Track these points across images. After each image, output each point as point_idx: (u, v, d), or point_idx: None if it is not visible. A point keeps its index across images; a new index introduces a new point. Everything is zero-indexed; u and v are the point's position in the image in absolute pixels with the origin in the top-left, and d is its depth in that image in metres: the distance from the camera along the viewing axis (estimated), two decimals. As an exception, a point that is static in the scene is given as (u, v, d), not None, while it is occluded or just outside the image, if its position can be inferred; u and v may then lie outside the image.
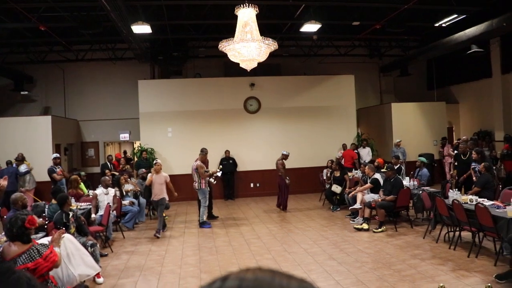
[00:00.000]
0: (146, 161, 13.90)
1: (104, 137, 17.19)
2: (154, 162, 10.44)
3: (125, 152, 18.99)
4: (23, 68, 16.23)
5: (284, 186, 11.93)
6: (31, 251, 3.81)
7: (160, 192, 9.81)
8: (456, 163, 11.13)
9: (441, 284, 2.08)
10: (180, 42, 15.78)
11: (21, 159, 12.61)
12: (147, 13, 12.04)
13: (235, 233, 9.64)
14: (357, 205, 10.03)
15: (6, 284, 1.91)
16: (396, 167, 11.46)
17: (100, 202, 9.07)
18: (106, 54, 16.55)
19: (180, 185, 14.59)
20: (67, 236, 5.18)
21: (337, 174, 11.88)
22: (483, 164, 9.19)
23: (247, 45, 7.94)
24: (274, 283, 0.57)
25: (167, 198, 9.97)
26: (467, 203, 7.36)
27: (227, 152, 14.36)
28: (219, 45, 8.14)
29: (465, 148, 10.83)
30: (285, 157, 12.03)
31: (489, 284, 2.64)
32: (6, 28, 13.13)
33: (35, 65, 16.47)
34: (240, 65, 8.69)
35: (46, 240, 4.52)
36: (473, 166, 10.17)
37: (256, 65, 8.66)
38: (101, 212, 8.82)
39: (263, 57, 8.30)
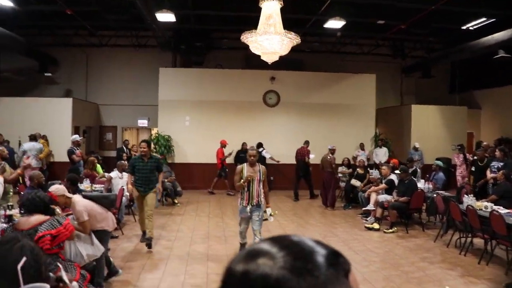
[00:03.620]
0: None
1: (122, 122, 17.38)
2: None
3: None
4: (48, 50, 16.47)
5: (333, 182, 11.76)
6: (52, 221, 4.00)
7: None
8: (473, 169, 11.02)
9: (447, 287, 2.07)
10: (203, 32, 15.83)
11: (33, 138, 12.80)
12: (172, 2, 12.08)
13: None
14: (371, 206, 9.96)
15: (10, 251, 1.97)
16: (411, 170, 11.39)
17: (114, 186, 9.20)
18: (129, 40, 16.69)
19: (194, 174, 14.74)
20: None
21: (361, 171, 11.86)
22: (502, 172, 9.05)
23: (270, 38, 7.91)
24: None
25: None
26: (481, 209, 7.26)
27: (244, 144, 14.35)
28: (242, 37, 8.14)
29: (482, 155, 10.71)
30: (332, 151, 11.98)
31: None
32: (34, 10, 13.33)
33: (60, 48, 16.69)
34: (262, 58, 8.68)
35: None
36: (492, 164, 10.05)
37: (277, 59, 8.64)
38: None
39: (285, 50, 8.27)
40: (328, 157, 11.84)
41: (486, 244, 7.01)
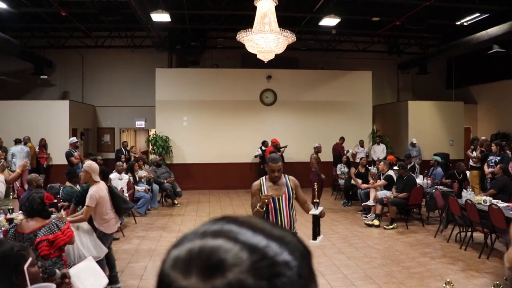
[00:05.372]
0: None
1: (120, 123, 17.35)
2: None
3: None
4: (44, 52, 16.42)
5: (319, 182, 11.18)
6: (51, 225, 3.98)
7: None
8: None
9: (448, 280, 2.08)
10: (199, 32, 15.83)
11: (19, 141, 12.88)
12: (167, 2, 12.08)
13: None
14: (370, 202, 10.00)
15: None
16: (409, 166, 11.42)
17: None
18: (125, 41, 16.66)
19: (193, 174, 14.74)
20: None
21: (362, 170, 11.83)
22: (499, 166, 9.11)
23: (265, 37, 7.92)
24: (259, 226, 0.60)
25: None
26: (480, 203, 7.30)
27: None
28: (237, 36, 8.14)
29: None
30: (317, 150, 11.51)
31: (497, 282, 2.63)
32: (28, 12, 13.29)
33: (55, 50, 16.65)
34: (258, 56, 8.69)
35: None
36: (489, 159, 10.13)
37: (273, 57, 8.66)
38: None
39: (280, 49, 8.28)
40: (313, 156, 11.31)
41: (486, 238, 7.04)
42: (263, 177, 4.42)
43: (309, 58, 17.36)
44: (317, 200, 4.31)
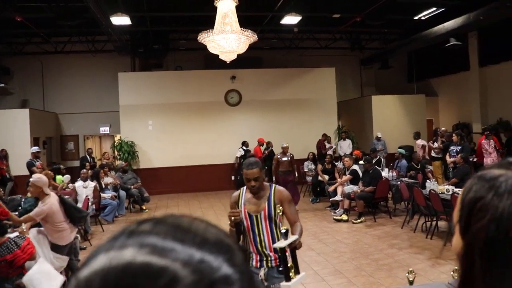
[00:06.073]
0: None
1: (84, 130, 16.98)
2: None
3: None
4: (0, 60, 15.91)
5: (291, 183, 10.28)
6: (8, 243, 3.79)
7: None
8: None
9: (410, 269, 2.11)
10: (161, 34, 15.64)
11: None
12: (126, 4, 11.89)
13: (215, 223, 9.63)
14: (338, 197, 10.11)
15: None
16: (375, 160, 11.62)
17: (78, 196, 9.01)
18: (86, 46, 16.29)
19: (161, 178, 14.57)
20: (38, 229, 5.11)
21: (329, 166, 11.95)
22: (460, 155, 9.38)
23: (227, 37, 7.90)
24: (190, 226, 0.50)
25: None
26: (443, 193, 7.49)
27: (268, 144, 14.21)
28: (199, 37, 8.10)
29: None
30: (284, 149, 10.61)
31: (456, 267, 2.67)
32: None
33: (12, 57, 16.09)
34: (220, 57, 8.67)
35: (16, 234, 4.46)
36: (451, 149, 10.40)
37: (235, 57, 8.65)
38: (79, 205, 8.75)
39: (242, 48, 8.27)
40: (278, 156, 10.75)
41: (450, 226, 7.23)
42: (245, 187, 3.52)
43: (273, 57, 17.42)
44: (284, 229, 3.25)
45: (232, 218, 3.28)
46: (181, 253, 0.45)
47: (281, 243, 3.11)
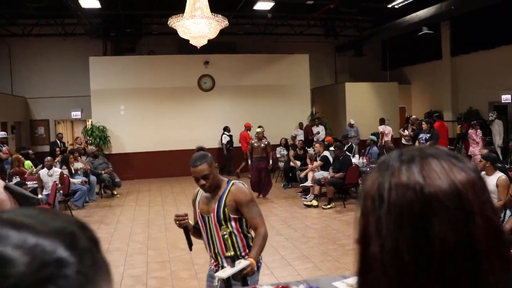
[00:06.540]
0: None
1: (54, 115, 16.63)
2: None
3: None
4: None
5: (265, 170, 10.35)
6: None
7: None
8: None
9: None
10: (133, 18, 15.37)
11: None
12: (96, -13, 11.61)
13: (186, 210, 9.61)
14: (308, 183, 10.19)
15: None
16: (347, 146, 11.75)
17: (44, 183, 8.88)
18: (55, 29, 15.86)
19: (133, 164, 14.45)
20: None
21: (301, 152, 12.01)
22: (429, 143, 9.56)
23: (197, 22, 7.81)
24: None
25: None
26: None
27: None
28: (169, 21, 8.00)
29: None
30: (258, 135, 10.41)
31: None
32: None
33: (-23, 39, 15.65)
34: (190, 42, 8.57)
35: None
36: (420, 136, 10.58)
37: (206, 42, 8.56)
38: (46, 192, 8.64)
39: (213, 34, 8.19)
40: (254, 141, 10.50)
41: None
42: None
43: (247, 42, 17.34)
44: (230, 254, 2.81)
45: (177, 222, 3.04)
46: (14, 238, 0.46)
47: (224, 272, 2.70)
